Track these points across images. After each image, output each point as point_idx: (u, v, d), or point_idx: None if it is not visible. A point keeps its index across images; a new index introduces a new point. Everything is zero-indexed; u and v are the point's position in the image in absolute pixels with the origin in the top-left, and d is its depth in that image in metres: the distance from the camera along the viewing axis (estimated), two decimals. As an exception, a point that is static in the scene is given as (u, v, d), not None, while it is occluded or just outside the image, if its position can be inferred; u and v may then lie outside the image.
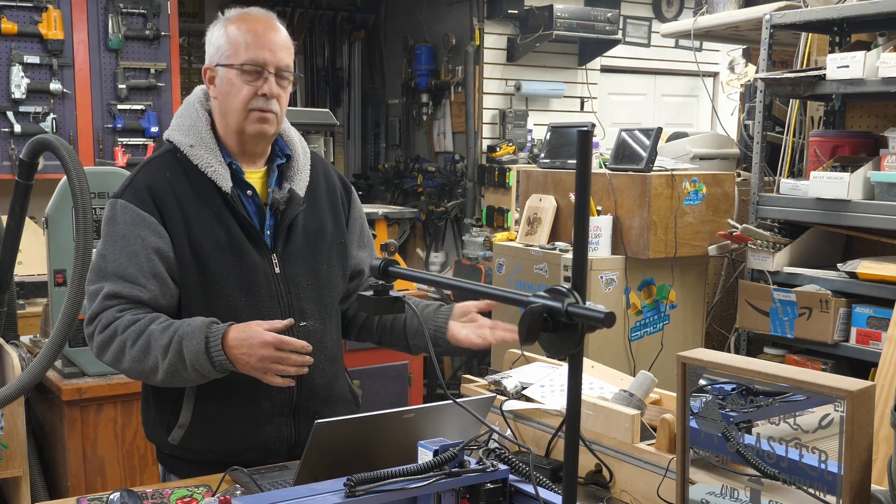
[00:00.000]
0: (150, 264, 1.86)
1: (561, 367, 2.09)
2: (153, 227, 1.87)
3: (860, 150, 3.72)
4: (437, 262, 6.70)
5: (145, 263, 1.86)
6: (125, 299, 1.85)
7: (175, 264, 1.89)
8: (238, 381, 1.90)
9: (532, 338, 1.10)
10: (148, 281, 1.86)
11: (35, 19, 4.81)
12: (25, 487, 2.88)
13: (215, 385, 1.91)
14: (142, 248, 1.86)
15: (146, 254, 1.86)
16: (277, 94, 1.91)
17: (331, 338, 2.05)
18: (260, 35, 1.90)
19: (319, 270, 2.02)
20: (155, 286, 1.86)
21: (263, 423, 1.95)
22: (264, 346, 1.76)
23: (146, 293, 1.86)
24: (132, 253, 1.86)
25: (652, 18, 6.92)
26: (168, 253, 1.88)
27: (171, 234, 1.89)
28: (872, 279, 3.37)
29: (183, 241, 1.89)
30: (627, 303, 4.07)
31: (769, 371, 1.40)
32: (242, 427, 1.94)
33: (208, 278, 1.89)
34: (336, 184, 2.13)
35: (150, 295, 1.86)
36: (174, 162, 1.95)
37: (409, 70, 6.83)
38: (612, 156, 4.21)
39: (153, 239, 1.87)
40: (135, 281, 1.85)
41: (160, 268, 1.87)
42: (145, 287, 1.86)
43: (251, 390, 1.92)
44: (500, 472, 1.48)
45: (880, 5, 3.37)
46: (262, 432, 1.95)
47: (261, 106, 1.90)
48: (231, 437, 1.94)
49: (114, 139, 5.04)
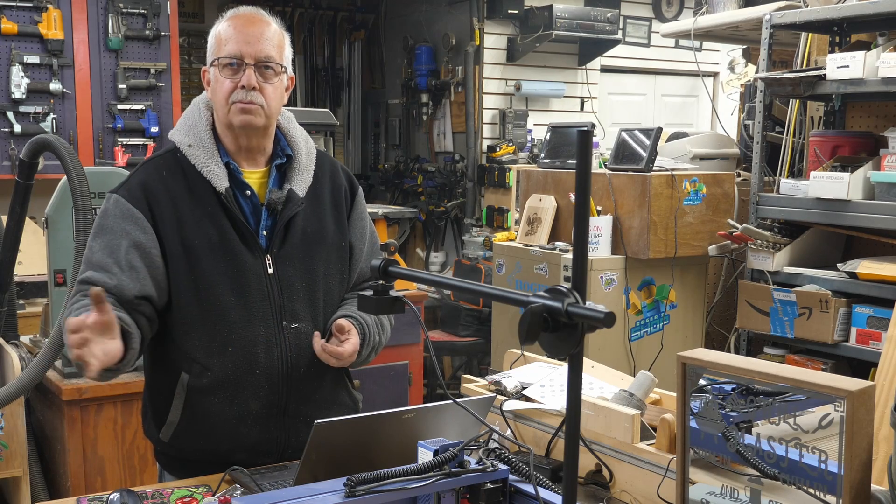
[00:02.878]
0: (127, 256, 1.87)
1: (561, 367, 2.09)
2: (139, 223, 1.89)
3: (860, 150, 3.72)
4: (437, 262, 6.70)
5: (122, 255, 1.87)
6: (93, 286, 1.84)
7: (158, 262, 1.89)
8: (226, 380, 1.91)
9: (532, 338, 1.10)
10: (120, 271, 1.86)
11: (35, 19, 4.81)
12: (25, 487, 2.88)
13: (204, 384, 1.92)
14: (124, 240, 1.87)
15: (126, 246, 1.87)
16: (257, 86, 1.90)
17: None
18: (239, 29, 1.91)
19: (316, 272, 2.00)
20: (126, 277, 1.85)
21: (252, 424, 1.95)
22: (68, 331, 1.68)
23: (113, 279, 1.85)
24: (114, 245, 1.88)
25: (652, 18, 6.93)
26: (151, 249, 1.88)
27: (161, 232, 1.90)
28: (872, 279, 3.37)
29: (175, 239, 1.89)
30: (627, 303, 4.07)
31: (769, 371, 1.40)
32: (230, 427, 1.94)
33: (199, 277, 1.90)
34: (342, 184, 2.11)
35: (116, 282, 1.84)
36: (173, 161, 1.96)
37: (409, 70, 6.83)
38: (612, 156, 4.21)
39: (137, 234, 1.88)
40: (107, 269, 1.86)
41: (137, 262, 1.87)
42: (115, 275, 1.85)
43: (239, 390, 1.92)
44: (500, 472, 1.48)
45: (880, 5, 3.38)
46: (250, 433, 1.95)
47: (241, 98, 1.89)
48: (219, 437, 1.94)
49: (114, 139, 5.04)
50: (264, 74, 1.92)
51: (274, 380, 1.94)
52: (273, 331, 1.93)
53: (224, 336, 1.91)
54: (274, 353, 1.93)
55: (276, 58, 1.93)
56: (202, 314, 1.90)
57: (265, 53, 1.91)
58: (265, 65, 1.92)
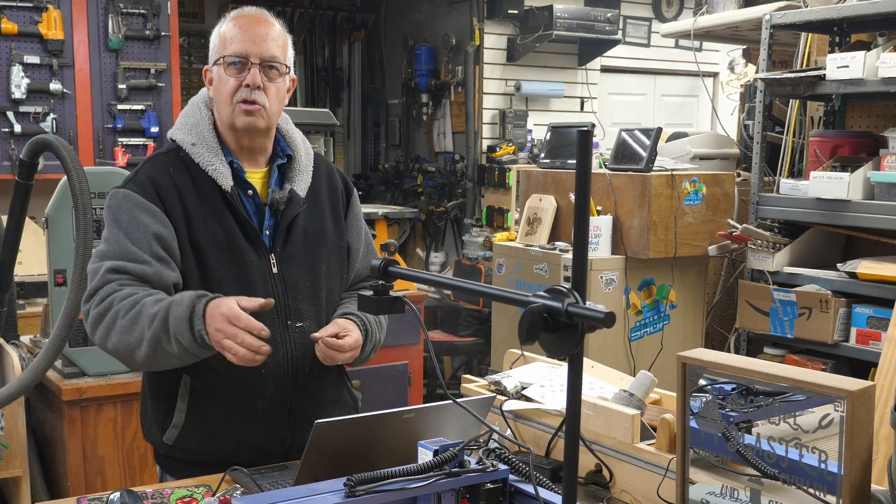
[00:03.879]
0: (150, 247, 1.85)
1: (561, 367, 2.09)
2: (156, 215, 1.87)
3: (860, 150, 3.72)
4: (437, 262, 6.70)
5: (146, 246, 1.85)
6: (130, 274, 1.83)
7: (177, 255, 1.88)
8: (232, 380, 1.91)
9: (532, 338, 1.10)
10: (153, 259, 1.84)
11: (35, 19, 4.81)
12: (25, 487, 2.88)
13: (209, 384, 1.91)
14: (143, 233, 1.85)
15: (147, 239, 1.85)
16: (262, 85, 1.90)
17: None
18: (245, 29, 1.92)
19: (318, 272, 2.01)
20: (158, 265, 1.85)
21: (258, 424, 1.95)
22: (222, 318, 1.73)
23: (151, 268, 1.83)
24: (136, 236, 1.85)
25: (652, 18, 6.93)
26: (171, 241, 1.87)
27: (175, 226, 1.89)
28: (872, 279, 3.37)
29: (183, 235, 1.89)
30: (627, 303, 4.07)
31: (769, 371, 1.40)
32: (236, 427, 1.94)
33: (206, 275, 1.90)
34: (338, 186, 2.13)
35: (154, 270, 1.84)
36: (177, 159, 1.96)
37: (409, 70, 6.83)
38: (612, 156, 4.21)
39: (155, 226, 1.86)
40: (138, 259, 1.84)
41: (161, 252, 1.86)
42: (150, 264, 1.84)
43: (245, 390, 1.92)
44: (500, 472, 1.48)
45: (880, 5, 3.38)
46: (256, 433, 1.95)
47: (245, 97, 1.89)
48: (225, 437, 1.94)
49: (114, 139, 5.04)
50: (269, 74, 1.92)
51: (280, 379, 1.94)
52: (278, 330, 1.93)
53: None
54: (279, 353, 1.93)
55: (280, 58, 1.94)
56: None
57: (270, 53, 1.92)
58: (270, 65, 1.92)
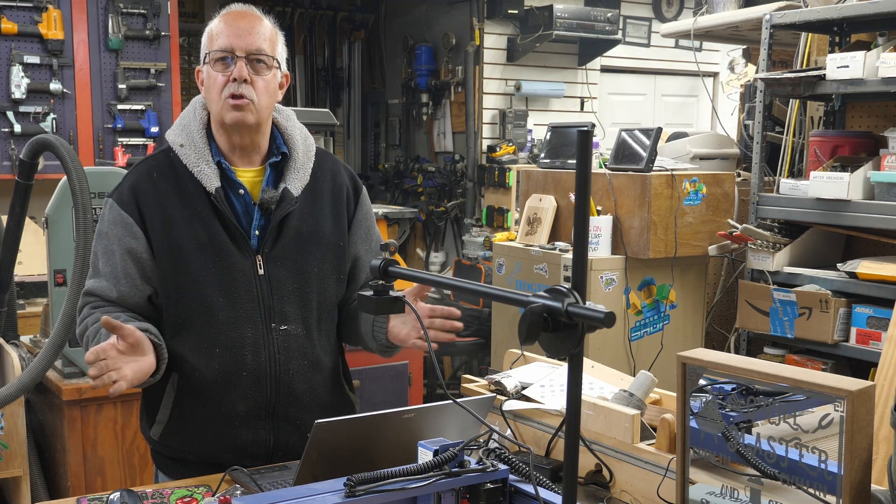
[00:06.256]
0: (122, 264, 1.91)
1: (561, 367, 2.09)
2: (129, 228, 1.91)
3: (860, 150, 3.72)
4: (437, 262, 6.70)
5: (119, 263, 1.91)
6: (98, 297, 1.93)
7: (150, 265, 1.91)
8: (213, 380, 1.91)
9: (532, 338, 1.10)
10: (118, 280, 1.91)
11: (35, 19, 4.82)
12: (25, 487, 2.88)
13: (192, 384, 1.92)
14: (117, 247, 1.91)
15: (120, 253, 1.91)
16: (249, 78, 1.88)
17: (317, 343, 2.00)
18: (230, 23, 1.90)
19: (309, 273, 1.97)
20: (125, 286, 1.91)
21: (239, 426, 1.94)
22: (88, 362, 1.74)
23: (114, 292, 1.91)
24: (109, 252, 1.93)
25: (652, 18, 6.93)
26: (142, 254, 1.91)
27: (149, 234, 1.91)
28: (872, 279, 3.37)
29: (163, 240, 1.90)
30: (627, 303, 4.07)
31: (769, 371, 1.40)
32: (217, 428, 1.94)
33: (187, 278, 1.90)
34: (344, 184, 2.07)
35: (117, 294, 1.91)
36: (166, 162, 1.95)
37: (409, 70, 6.84)
38: (612, 156, 4.21)
39: (127, 240, 1.91)
40: (107, 279, 1.92)
41: (132, 269, 1.91)
42: (115, 287, 1.91)
43: (226, 391, 1.92)
44: (500, 472, 1.48)
45: (880, 5, 3.37)
46: (238, 434, 1.94)
47: (232, 91, 1.87)
48: (206, 437, 1.94)
49: (114, 139, 5.04)
50: (255, 68, 1.89)
51: (261, 382, 1.93)
52: (261, 332, 1.92)
53: (212, 337, 1.90)
54: (262, 355, 1.92)
55: (266, 50, 1.91)
56: (190, 315, 1.90)
57: (256, 46, 1.89)
58: (256, 57, 1.89)
